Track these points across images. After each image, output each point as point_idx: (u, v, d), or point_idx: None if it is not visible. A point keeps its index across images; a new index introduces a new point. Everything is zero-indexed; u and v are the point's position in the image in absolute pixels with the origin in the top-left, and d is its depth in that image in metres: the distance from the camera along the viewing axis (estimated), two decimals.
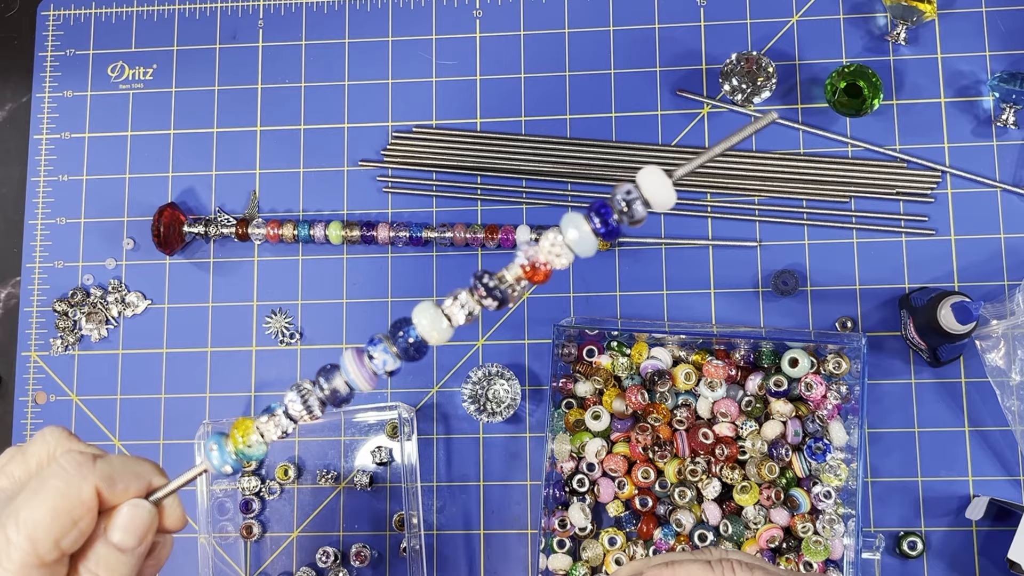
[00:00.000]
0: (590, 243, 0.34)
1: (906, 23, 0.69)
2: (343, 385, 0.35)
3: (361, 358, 0.35)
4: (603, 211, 0.34)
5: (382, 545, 0.68)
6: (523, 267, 0.34)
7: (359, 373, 0.35)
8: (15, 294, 0.73)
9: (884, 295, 0.68)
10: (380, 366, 0.35)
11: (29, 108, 0.75)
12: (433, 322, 0.35)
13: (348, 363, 0.35)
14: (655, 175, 0.33)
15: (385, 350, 0.35)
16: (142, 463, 0.36)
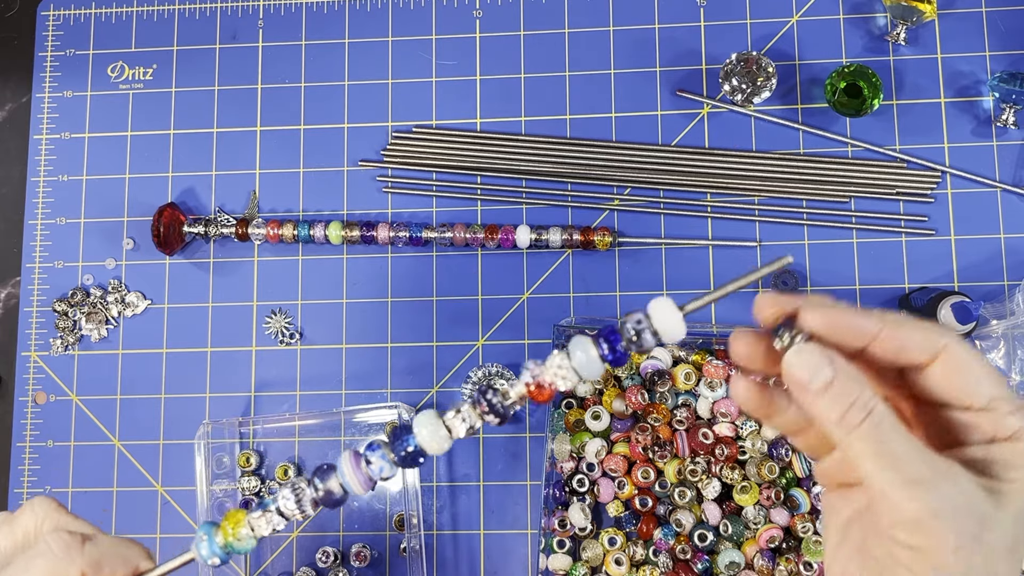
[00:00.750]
0: (596, 368, 0.34)
1: (906, 23, 0.69)
2: (338, 487, 0.36)
3: (358, 462, 0.35)
4: (612, 338, 0.34)
5: (382, 545, 0.68)
6: (528, 386, 0.35)
7: (355, 477, 0.35)
8: (15, 294, 0.73)
9: (884, 295, 0.68)
10: (376, 472, 0.35)
11: (29, 108, 0.75)
12: (433, 433, 0.35)
13: (345, 466, 0.35)
14: (666, 307, 0.33)
15: (383, 456, 0.35)
16: (131, 547, 0.36)
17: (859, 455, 0.31)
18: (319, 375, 0.70)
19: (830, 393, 0.31)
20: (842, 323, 0.32)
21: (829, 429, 0.32)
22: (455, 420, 0.35)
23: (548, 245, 0.69)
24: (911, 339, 0.32)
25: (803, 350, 0.32)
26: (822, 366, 0.31)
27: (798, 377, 0.32)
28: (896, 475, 0.30)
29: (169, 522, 0.69)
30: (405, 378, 0.70)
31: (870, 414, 0.31)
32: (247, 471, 0.69)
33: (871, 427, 0.31)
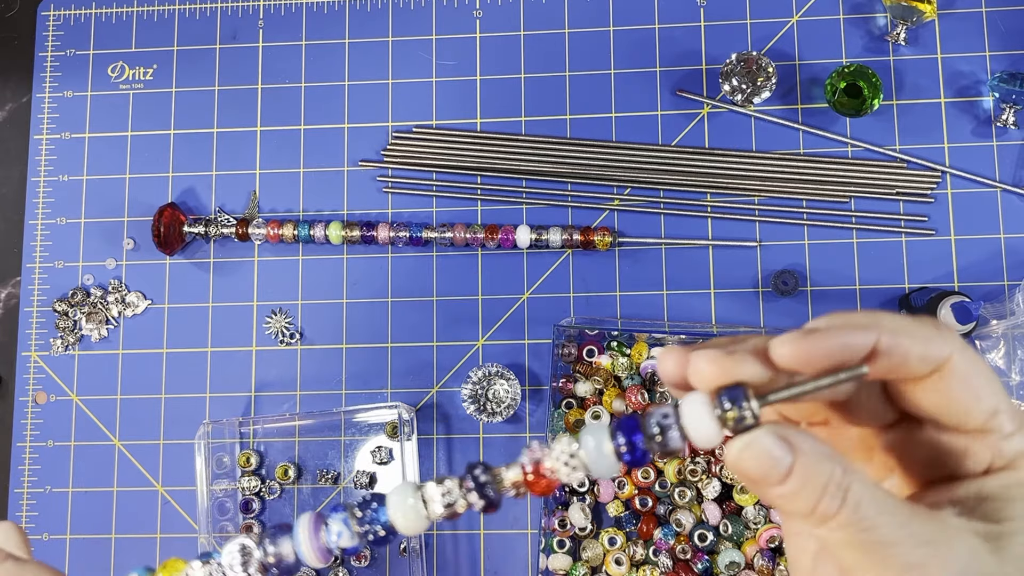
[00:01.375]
0: (609, 465, 0.29)
1: (906, 23, 0.69)
2: (290, 553, 0.31)
3: (317, 527, 0.31)
4: (631, 433, 0.29)
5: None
6: (524, 470, 0.30)
7: (309, 544, 0.31)
8: (15, 294, 0.73)
9: (884, 295, 0.68)
10: (334, 539, 0.31)
11: (29, 108, 0.76)
12: (407, 508, 0.31)
13: (302, 531, 0.31)
14: (700, 406, 0.27)
15: (345, 522, 0.31)
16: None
17: (839, 546, 0.26)
18: (319, 375, 0.70)
19: (792, 484, 0.26)
20: (820, 352, 0.26)
21: (795, 525, 0.28)
22: (434, 493, 0.31)
23: (548, 245, 0.69)
24: (911, 352, 0.27)
25: (751, 442, 0.26)
26: (777, 455, 0.26)
27: (751, 475, 0.26)
28: (887, 569, 0.26)
29: (169, 522, 0.69)
30: (405, 378, 0.70)
31: (846, 498, 0.26)
32: (247, 471, 0.69)
33: (850, 514, 0.26)
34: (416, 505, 0.30)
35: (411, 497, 0.30)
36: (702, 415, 0.27)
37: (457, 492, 0.30)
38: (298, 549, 0.31)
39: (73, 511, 0.70)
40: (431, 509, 0.30)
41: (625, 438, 0.29)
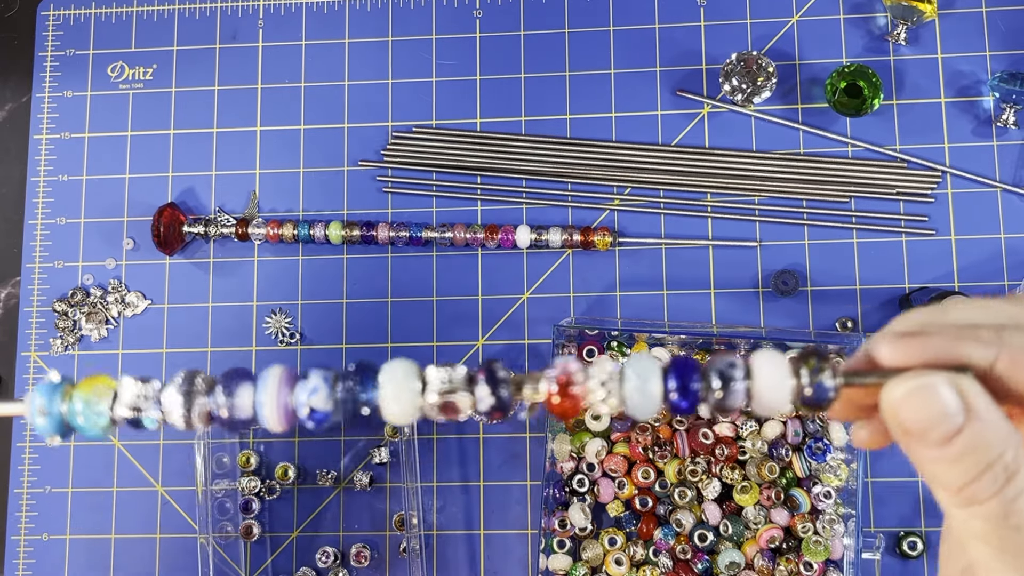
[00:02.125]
0: (650, 406, 0.25)
1: (906, 23, 0.69)
2: (246, 405, 0.26)
3: (289, 380, 0.27)
4: (688, 377, 0.25)
5: (382, 545, 0.68)
6: (552, 385, 0.25)
7: (275, 396, 0.26)
8: (15, 294, 0.73)
9: (884, 295, 0.68)
10: (305, 396, 0.26)
11: (29, 108, 0.75)
12: (399, 385, 0.26)
13: (271, 378, 0.26)
14: (778, 366, 0.24)
15: (326, 379, 0.26)
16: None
17: (973, 536, 0.23)
18: None
19: (954, 449, 0.22)
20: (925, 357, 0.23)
21: (938, 495, 0.24)
22: (437, 375, 0.26)
23: (548, 245, 0.69)
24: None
25: (924, 387, 0.22)
26: (949, 411, 0.22)
27: (910, 425, 0.23)
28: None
29: (169, 522, 0.69)
30: None
31: (1007, 485, 0.21)
32: (247, 471, 0.69)
33: (1005, 505, 0.21)
34: (410, 385, 0.26)
35: (408, 374, 0.26)
36: (778, 376, 0.24)
37: (461, 381, 0.26)
38: (259, 400, 0.26)
39: (73, 511, 0.70)
40: (427, 394, 0.26)
41: (679, 381, 0.25)
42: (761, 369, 0.25)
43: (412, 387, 0.26)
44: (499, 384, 0.25)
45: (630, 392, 0.25)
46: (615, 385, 0.25)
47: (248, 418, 0.26)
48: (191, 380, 0.27)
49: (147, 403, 0.27)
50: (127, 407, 0.27)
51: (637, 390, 0.25)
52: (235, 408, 0.26)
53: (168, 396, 0.27)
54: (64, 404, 0.27)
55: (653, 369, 0.25)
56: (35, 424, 0.27)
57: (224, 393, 0.26)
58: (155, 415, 0.27)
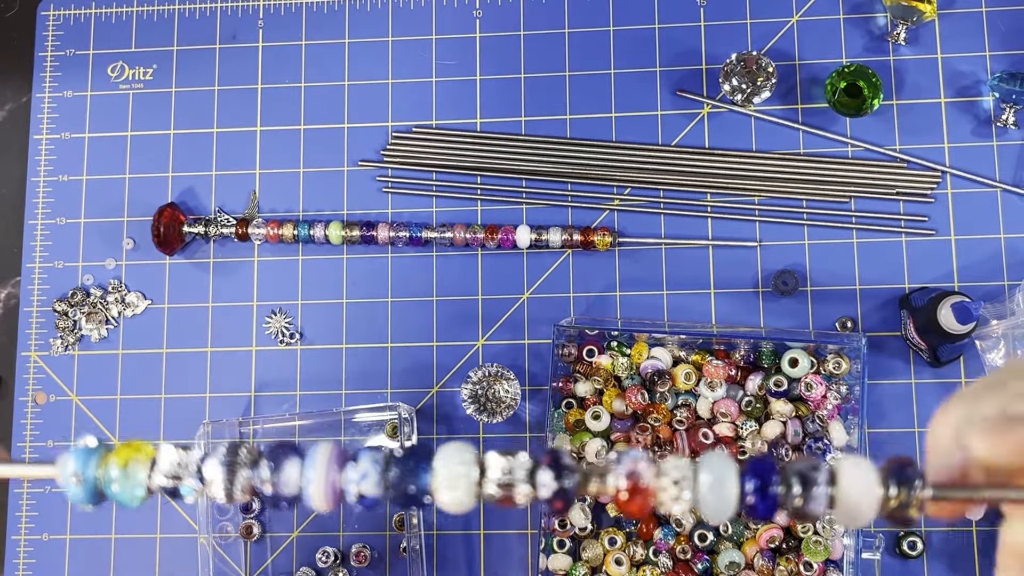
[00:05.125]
0: (725, 508, 0.23)
1: (906, 23, 0.69)
2: (293, 482, 0.25)
3: (340, 460, 0.25)
4: (767, 479, 0.23)
5: (382, 545, 0.68)
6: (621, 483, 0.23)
7: (324, 476, 0.24)
8: (15, 294, 0.73)
9: (884, 295, 0.68)
10: (355, 479, 0.25)
11: (29, 108, 0.75)
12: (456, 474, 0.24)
13: (320, 456, 0.25)
14: (867, 475, 0.23)
15: (376, 463, 0.25)
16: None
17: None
18: (319, 375, 0.70)
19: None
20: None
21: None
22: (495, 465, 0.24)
23: (548, 245, 0.69)
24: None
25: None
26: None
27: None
28: None
29: (169, 522, 0.69)
30: (405, 378, 0.70)
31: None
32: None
33: None
34: (469, 473, 0.24)
35: (466, 462, 0.24)
36: (865, 485, 0.23)
37: (524, 471, 0.24)
38: (306, 479, 0.25)
39: (73, 511, 0.70)
40: (486, 484, 0.24)
41: (756, 483, 0.23)
42: (847, 476, 0.24)
43: (470, 475, 0.24)
44: (564, 473, 0.24)
45: (704, 493, 0.24)
46: (688, 484, 0.24)
47: (294, 495, 0.25)
48: (235, 451, 0.25)
49: (186, 472, 0.26)
50: (165, 476, 0.26)
51: (712, 491, 0.24)
52: (280, 484, 0.25)
53: (210, 467, 0.25)
54: (100, 470, 0.26)
55: (730, 470, 0.24)
56: (68, 490, 0.26)
57: (269, 467, 0.25)
58: (194, 484, 0.26)
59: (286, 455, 0.25)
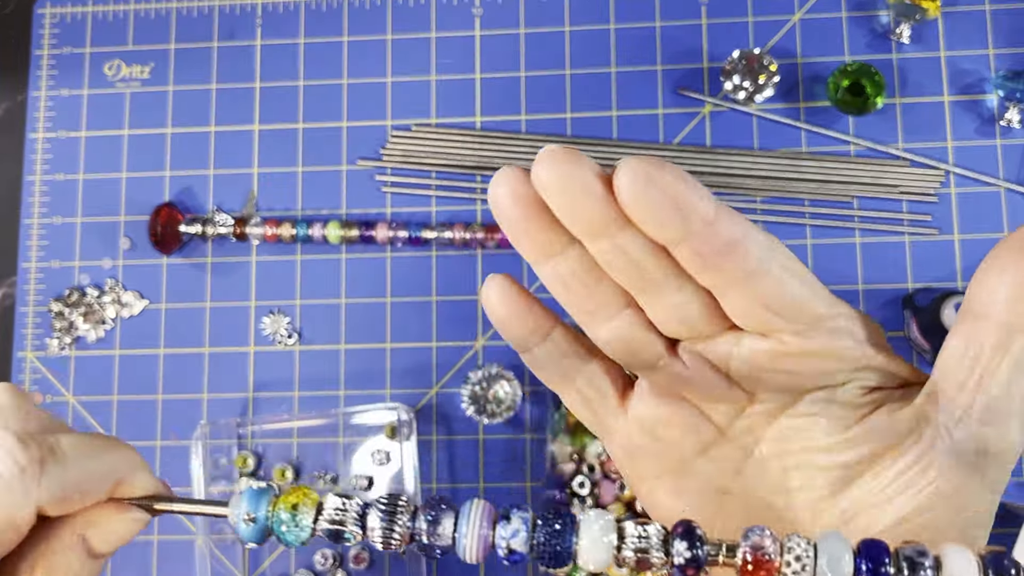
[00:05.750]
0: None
1: (909, 21, 0.68)
2: (447, 534, 0.27)
3: (490, 518, 0.28)
4: (879, 557, 0.26)
5: None
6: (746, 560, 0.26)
7: (476, 531, 0.27)
8: (11, 294, 0.73)
9: (887, 295, 0.67)
10: (506, 536, 0.27)
11: (25, 107, 0.75)
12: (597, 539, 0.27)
13: (473, 514, 0.27)
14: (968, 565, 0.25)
15: (526, 523, 0.27)
16: (111, 455, 0.27)
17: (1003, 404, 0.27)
18: (317, 376, 0.70)
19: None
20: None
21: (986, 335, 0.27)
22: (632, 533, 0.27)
23: None
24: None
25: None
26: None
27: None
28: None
29: (166, 524, 0.69)
30: (404, 379, 0.69)
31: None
32: (245, 473, 0.68)
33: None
34: (609, 540, 0.27)
35: (607, 529, 0.27)
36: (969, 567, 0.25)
37: (657, 540, 0.27)
38: (460, 533, 0.27)
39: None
40: (623, 550, 0.27)
41: (870, 565, 0.25)
42: (952, 566, 0.25)
43: (610, 543, 0.27)
44: (696, 543, 0.27)
45: (824, 570, 0.26)
46: (810, 563, 0.26)
47: (446, 545, 0.27)
48: (394, 503, 0.27)
49: (349, 518, 0.28)
50: (328, 522, 0.27)
51: (831, 569, 0.26)
52: (436, 536, 0.27)
53: (372, 517, 0.28)
54: (270, 512, 0.28)
55: (845, 548, 0.26)
56: (238, 529, 0.27)
57: (427, 519, 0.27)
58: (355, 531, 0.28)
59: (441, 510, 0.28)
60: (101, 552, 0.27)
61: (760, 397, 0.31)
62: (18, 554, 0.26)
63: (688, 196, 0.27)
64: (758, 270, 0.28)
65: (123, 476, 0.27)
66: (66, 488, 0.25)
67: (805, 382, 0.30)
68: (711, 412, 0.31)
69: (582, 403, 0.32)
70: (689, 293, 0.29)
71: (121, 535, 0.27)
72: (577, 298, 0.31)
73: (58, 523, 0.26)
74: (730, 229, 0.27)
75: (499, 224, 0.29)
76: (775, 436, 0.31)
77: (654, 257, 0.28)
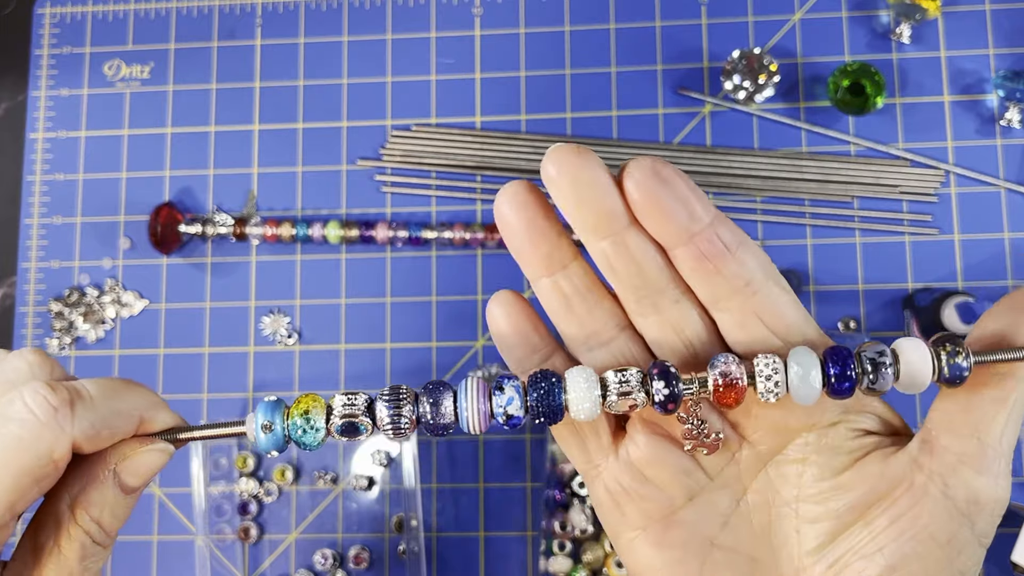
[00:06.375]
0: (812, 393, 0.28)
1: (909, 21, 0.68)
2: (449, 411, 0.29)
3: (485, 390, 0.30)
4: (844, 364, 0.28)
5: (381, 547, 0.68)
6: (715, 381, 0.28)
7: (475, 404, 0.29)
8: (11, 294, 0.73)
9: (887, 295, 0.67)
10: (503, 403, 0.29)
11: (25, 107, 0.75)
12: (582, 389, 0.29)
13: (470, 387, 0.29)
14: (922, 350, 0.28)
15: (517, 389, 0.29)
16: (132, 395, 0.29)
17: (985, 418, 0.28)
18: (317, 376, 0.70)
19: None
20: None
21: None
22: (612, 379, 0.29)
23: None
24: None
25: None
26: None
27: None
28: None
29: (166, 524, 0.69)
30: (404, 379, 0.69)
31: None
32: (244, 473, 0.68)
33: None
34: (592, 390, 0.29)
35: (588, 380, 0.29)
36: (921, 360, 0.28)
37: (636, 382, 0.29)
38: (461, 408, 0.29)
39: None
40: (608, 397, 0.29)
41: (837, 369, 0.28)
42: (905, 354, 0.28)
43: (593, 390, 0.29)
44: (670, 379, 0.28)
45: (793, 380, 0.28)
46: (779, 373, 0.28)
47: (450, 422, 0.29)
48: (396, 392, 0.29)
49: (359, 410, 0.29)
50: (340, 418, 0.29)
51: (798, 377, 0.28)
52: (439, 415, 0.29)
53: (379, 407, 0.29)
54: (285, 420, 0.29)
55: (812, 359, 0.28)
56: (259, 440, 0.29)
57: (429, 402, 0.29)
58: (366, 422, 0.29)
59: (440, 392, 0.29)
60: (133, 486, 0.29)
61: (751, 438, 0.30)
62: (57, 491, 0.28)
63: (692, 196, 0.28)
64: (754, 281, 0.28)
65: (145, 413, 0.29)
66: (96, 425, 0.27)
67: (795, 421, 0.29)
68: (701, 457, 0.31)
69: (573, 437, 0.32)
70: (686, 308, 0.29)
71: (149, 467, 0.29)
72: (577, 317, 0.31)
73: (91, 460, 0.28)
74: (730, 234, 0.28)
75: (503, 235, 0.30)
76: (765, 484, 0.30)
77: (656, 264, 0.29)
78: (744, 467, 0.30)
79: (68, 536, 0.28)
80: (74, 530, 0.28)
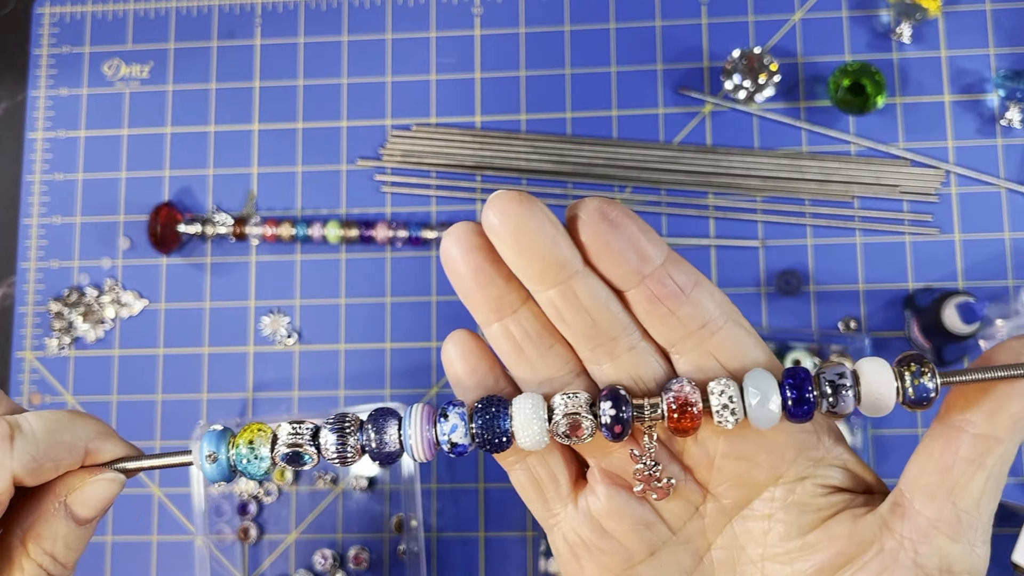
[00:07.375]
0: (770, 416, 0.27)
1: (910, 20, 0.68)
2: (394, 440, 0.29)
3: (430, 418, 0.29)
4: (803, 388, 0.27)
5: (380, 548, 0.68)
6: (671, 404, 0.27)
7: (420, 432, 0.29)
8: (10, 294, 0.73)
9: (888, 295, 0.67)
10: (446, 432, 0.28)
11: (24, 106, 0.75)
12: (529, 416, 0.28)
13: (414, 416, 0.29)
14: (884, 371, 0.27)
15: (462, 416, 0.28)
16: (77, 426, 0.29)
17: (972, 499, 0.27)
18: (317, 376, 0.70)
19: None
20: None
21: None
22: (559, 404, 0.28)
23: None
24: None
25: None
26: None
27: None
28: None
29: (166, 524, 0.69)
30: (404, 378, 0.69)
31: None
32: None
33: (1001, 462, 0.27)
34: (539, 414, 0.28)
35: (535, 405, 0.28)
36: (884, 381, 0.26)
37: (585, 407, 0.28)
38: (406, 435, 0.29)
39: None
40: (555, 420, 0.28)
41: (796, 393, 0.26)
42: (867, 375, 0.27)
43: (540, 416, 0.28)
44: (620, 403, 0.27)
45: (750, 402, 0.27)
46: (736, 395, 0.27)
47: (395, 451, 0.29)
48: (342, 421, 0.29)
49: (304, 440, 0.29)
50: (286, 447, 0.29)
51: (755, 399, 0.27)
52: (383, 444, 0.29)
53: (323, 436, 0.29)
54: (231, 450, 0.30)
55: (769, 381, 0.27)
56: (205, 470, 0.29)
57: (374, 431, 0.29)
58: (311, 451, 0.29)
59: (385, 419, 0.29)
60: (85, 517, 0.29)
61: (715, 491, 0.29)
62: (9, 525, 0.28)
63: (643, 237, 0.27)
64: (712, 322, 0.27)
65: (91, 444, 0.29)
66: (37, 458, 0.27)
67: (761, 473, 0.28)
68: (663, 510, 0.29)
69: (530, 483, 0.30)
70: (643, 353, 0.28)
71: (100, 498, 0.29)
72: (529, 362, 0.29)
73: (41, 492, 0.28)
74: (683, 275, 0.27)
75: (450, 278, 0.29)
76: (729, 541, 0.29)
77: (607, 310, 0.27)
78: (709, 522, 0.29)
79: (21, 569, 0.28)
80: (27, 563, 0.28)
